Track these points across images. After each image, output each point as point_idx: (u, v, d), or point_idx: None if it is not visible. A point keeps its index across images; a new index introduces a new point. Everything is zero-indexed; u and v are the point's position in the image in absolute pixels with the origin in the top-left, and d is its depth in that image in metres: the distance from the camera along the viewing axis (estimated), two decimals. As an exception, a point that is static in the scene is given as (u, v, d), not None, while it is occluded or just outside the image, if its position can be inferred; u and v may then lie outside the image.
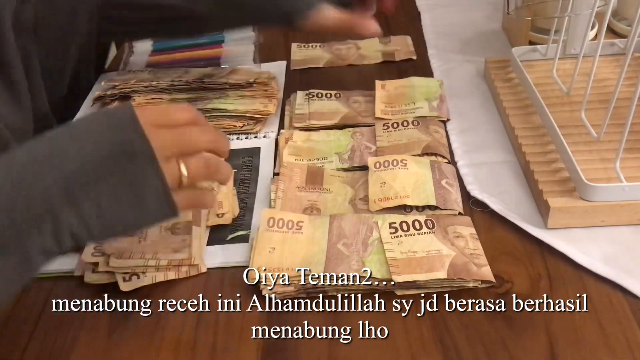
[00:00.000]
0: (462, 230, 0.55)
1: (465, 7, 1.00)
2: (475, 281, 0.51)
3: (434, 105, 0.73)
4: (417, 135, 0.68)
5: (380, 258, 0.53)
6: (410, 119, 0.70)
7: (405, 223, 0.56)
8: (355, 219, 0.57)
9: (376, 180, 0.61)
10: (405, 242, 0.54)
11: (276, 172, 0.66)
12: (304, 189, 0.62)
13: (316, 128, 0.72)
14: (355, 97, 0.77)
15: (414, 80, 0.78)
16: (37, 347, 0.50)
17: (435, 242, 0.54)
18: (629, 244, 0.54)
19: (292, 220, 0.57)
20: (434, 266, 0.51)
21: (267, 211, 0.58)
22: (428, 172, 0.62)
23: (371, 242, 0.55)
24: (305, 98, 0.77)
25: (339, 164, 0.66)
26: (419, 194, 0.59)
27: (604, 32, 0.60)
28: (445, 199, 0.59)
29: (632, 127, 0.56)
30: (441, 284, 0.51)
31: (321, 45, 0.93)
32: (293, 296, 0.52)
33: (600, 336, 0.47)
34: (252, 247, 0.55)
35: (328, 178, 0.64)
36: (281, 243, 0.55)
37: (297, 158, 0.67)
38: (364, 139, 0.69)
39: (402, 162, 0.62)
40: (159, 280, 0.54)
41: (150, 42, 0.98)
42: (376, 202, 0.59)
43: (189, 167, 0.45)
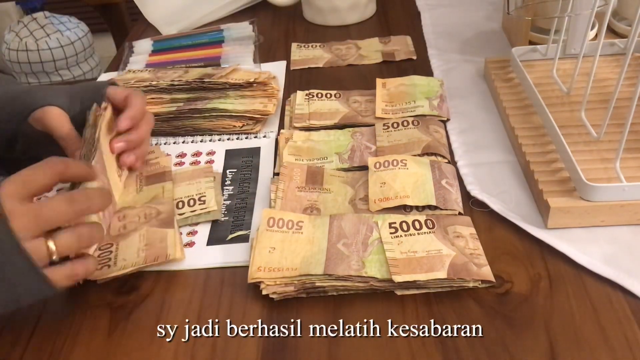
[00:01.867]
0: (462, 230, 0.55)
1: (465, 7, 1.00)
2: (475, 281, 0.51)
3: (435, 104, 0.73)
4: (417, 135, 0.68)
5: (380, 258, 0.53)
6: (410, 118, 0.70)
7: (405, 223, 0.56)
8: (355, 219, 0.57)
9: (376, 180, 0.61)
10: (405, 242, 0.54)
11: (276, 172, 0.66)
12: (304, 189, 0.62)
13: (316, 128, 0.72)
14: (355, 96, 0.77)
15: (414, 78, 0.78)
16: (37, 347, 0.50)
17: (435, 242, 0.54)
18: (629, 244, 0.54)
19: (292, 220, 0.57)
20: (434, 266, 0.51)
21: (267, 211, 0.58)
22: (428, 172, 0.62)
23: (371, 242, 0.55)
24: (305, 98, 0.77)
25: (339, 163, 0.66)
26: (418, 194, 0.59)
27: (604, 32, 0.60)
28: (445, 199, 0.59)
29: (632, 127, 0.56)
30: (441, 284, 0.51)
31: (321, 45, 0.93)
32: (293, 296, 0.52)
33: (600, 336, 0.47)
34: (252, 247, 0.55)
35: (328, 178, 0.64)
36: (281, 243, 0.55)
37: (297, 158, 0.67)
38: (364, 139, 0.69)
39: (402, 162, 0.62)
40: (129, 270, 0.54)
41: (151, 42, 0.98)
42: (376, 202, 0.59)
43: (57, 242, 0.46)
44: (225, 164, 0.69)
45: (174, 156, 0.71)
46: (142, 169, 0.67)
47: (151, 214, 0.60)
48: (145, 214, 0.60)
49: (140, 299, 0.53)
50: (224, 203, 0.63)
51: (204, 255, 0.57)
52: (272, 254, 0.54)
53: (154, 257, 0.55)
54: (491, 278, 0.51)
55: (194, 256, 0.57)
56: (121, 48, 0.99)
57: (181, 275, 0.56)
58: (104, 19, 1.71)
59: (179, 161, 0.70)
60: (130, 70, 0.87)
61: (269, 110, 0.74)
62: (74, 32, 2.17)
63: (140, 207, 0.61)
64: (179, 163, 0.70)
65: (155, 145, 0.73)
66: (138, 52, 0.96)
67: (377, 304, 0.51)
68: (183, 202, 0.62)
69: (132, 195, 0.63)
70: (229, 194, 0.64)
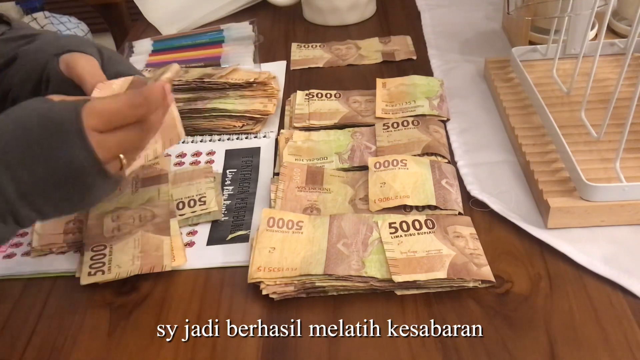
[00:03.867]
0: (462, 230, 0.55)
1: (465, 7, 1.00)
2: (475, 281, 0.51)
3: (435, 104, 0.73)
4: (417, 135, 0.68)
5: (380, 258, 0.53)
6: (410, 118, 0.70)
7: (405, 223, 0.56)
8: (355, 219, 0.57)
9: (376, 180, 0.61)
10: (405, 242, 0.54)
11: (276, 172, 0.66)
12: (303, 189, 0.62)
13: (316, 128, 0.72)
14: (355, 96, 0.77)
15: (415, 78, 0.78)
16: (37, 347, 0.50)
17: (435, 242, 0.54)
18: (629, 244, 0.54)
19: (292, 220, 0.57)
20: (433, 266, 0.51)
21: (267, 211, 0.58)
22: (428, 172, 0.62)
23: (371, 242, 0.55)
24: (305, 98, 0.77)
25: (339, 163, 0.66)
26: (418, 194, 0.59)
27: (604, 32, 0.60)
28: (445, 199, 0.59)
29: (632, 127, 0.56)
30: (441, 283, 0.51)
31: (321, 46, 0.93)
32: (293, 296, 0.52)
33: (600, 336, 0.47)
34: (252, 247, 0.55)
35: (328, 178, 0.64)
36: (281, 243, 0.55)
37: (297, 158, 0.67)
38: (364, 139, 0.69)
39: (402, 162, 0.62)
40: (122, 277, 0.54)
41: (151, 42, 0.98)
42: (376, 202, 0.59)
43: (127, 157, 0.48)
44: (225, 164, 0.69)
45: (174, 156, 0.71)
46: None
47: (146, 217, 0.60)
48: (140, 216, 0.60)
49: (140, 299, 0.53)
50: (224, 203, 0.63)
51: (204, 255, 0.57)
52: (272, 254, 0.54)
53: (149, 267, 0.55)
54: (491, 278, 0.51)
55: (194, 256, 0.57)
56: (121, 48, 0.99)
57: (181, 275, 0.56)
58: (104, 19, 1.71)
59: (179, 161, 0.70)
60: (130, 70, 0.87)
61: (269, 110, 0.74)
62: (74, 32, 2.16)
63: (135, 209, 0.61)
64: (179, 163, 0.70)
65: None
66: (138, 52, 0.96)
67: (377, 304, 0.51)
68: (183, 202, 0.62)
69: (127, 196, 0.63)
70: (229, 194, 0.65)
